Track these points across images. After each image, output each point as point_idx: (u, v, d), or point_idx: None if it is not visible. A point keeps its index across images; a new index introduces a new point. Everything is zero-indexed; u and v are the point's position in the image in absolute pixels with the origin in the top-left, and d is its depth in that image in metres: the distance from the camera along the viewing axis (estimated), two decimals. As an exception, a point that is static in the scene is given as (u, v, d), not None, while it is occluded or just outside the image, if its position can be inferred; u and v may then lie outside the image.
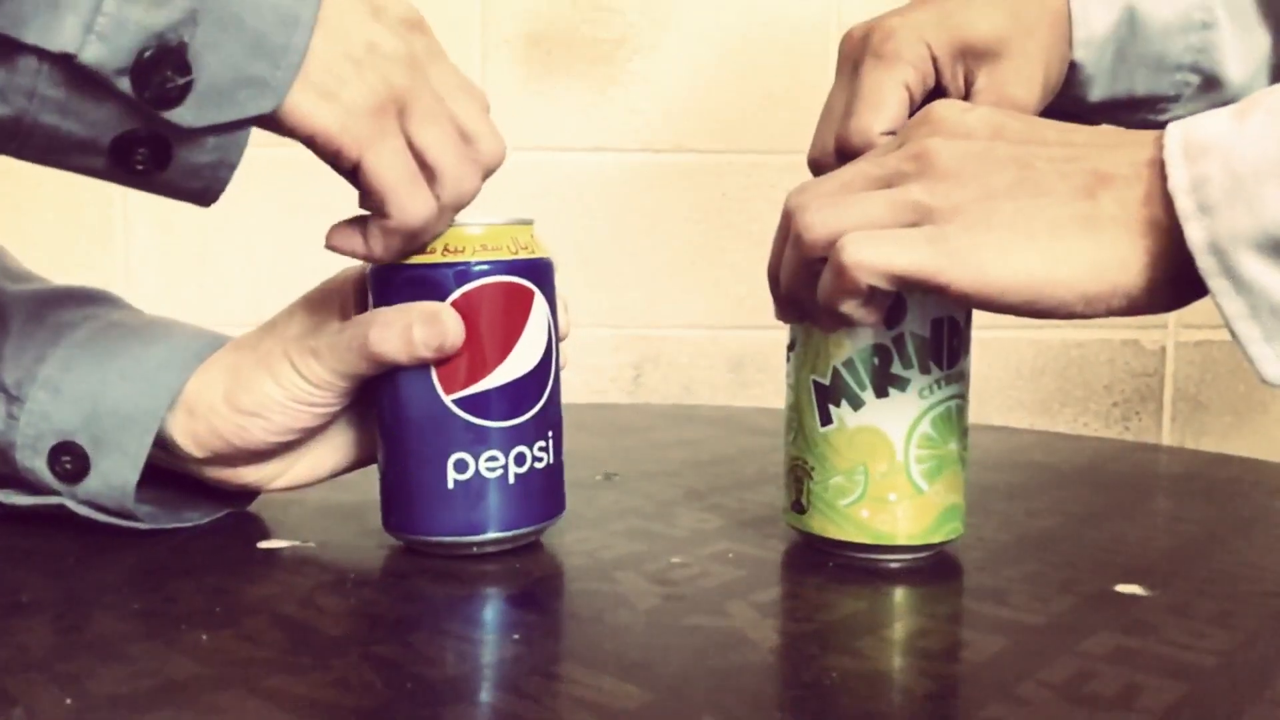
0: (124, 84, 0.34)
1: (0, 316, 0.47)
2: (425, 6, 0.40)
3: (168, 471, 0.48)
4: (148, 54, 0.34)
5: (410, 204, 0.40)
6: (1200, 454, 0.78)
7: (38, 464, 0.45)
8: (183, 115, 0.35)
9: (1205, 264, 0.35)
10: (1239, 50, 0.57)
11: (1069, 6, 0.54)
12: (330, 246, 0.42)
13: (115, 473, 0.45)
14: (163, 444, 0.45)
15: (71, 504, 0.46)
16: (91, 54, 0.33)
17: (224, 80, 0.35)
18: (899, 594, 0.42)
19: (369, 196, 0.40)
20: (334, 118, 0.37)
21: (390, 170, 0.39)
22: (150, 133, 0.36)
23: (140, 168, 0.36)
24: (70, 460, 0.45)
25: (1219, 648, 0.36)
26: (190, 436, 0.45)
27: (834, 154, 0.50)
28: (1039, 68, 0.52)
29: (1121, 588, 0.42)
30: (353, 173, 0.39)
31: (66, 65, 0.33)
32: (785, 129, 1.03)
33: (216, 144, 0.36)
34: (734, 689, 0.32)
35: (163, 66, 0.34)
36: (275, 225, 1.00)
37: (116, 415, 0.45)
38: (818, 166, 0.52)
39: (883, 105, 0.49)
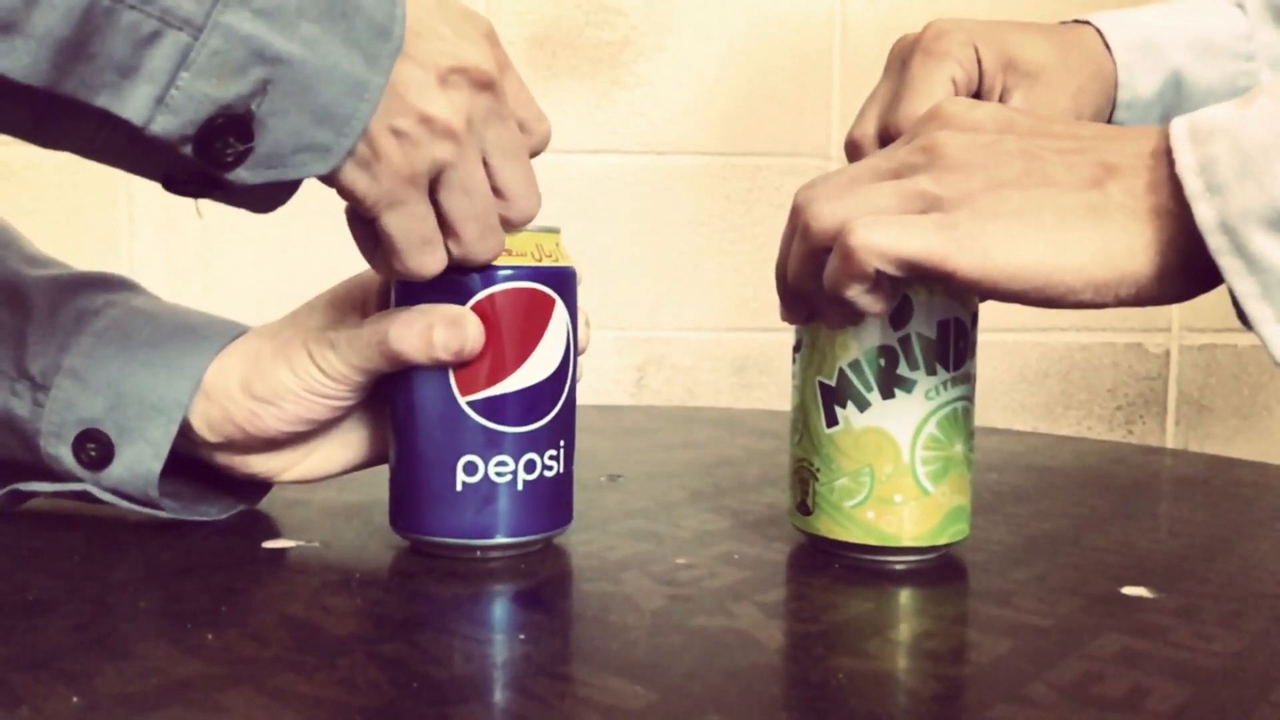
0: (186, 149, 0.34)
1: (23, 303, 0.47)
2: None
3: (185, 467, 0.48)
4: (215, 122, 0.34)
5: (415, 264, 0.40)
6: (1205, 457, 0.78)
7: (62, 451, 0.46)
8: (239, 174, 0.35)
9: (1216, 243, 0.35)
10: None
11: (1115, 68, 0.55)
12: (349, 221, 0.42)
13: (139, 461, 0.45)
14: (180, 428, 0.46)
15: (95, 490, 0.46)
16: (159, 126, 0.33)
17: (285, 146, 0.35)
18: (905, 595, 0.42)
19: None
20: (361, 183, 0.37)
21: (403, 233, 0.39)
22: (204, 175, 0.36)
23: (189, 193, 0.38)
24: (95, 448, 0.45)
25: (1226, 650, 0.36)
26: (204, 420, 0.45)
27: (876, 139, 0.52)
28: (1071, 105, 0.54)
29: (1128, 590, 0.42)
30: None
31: (132, 127, 0.34)
32: (788, 132, 1.03)
33: (266, 191, 0.37)
34: (740, 689, 0.32)
35: (226, 133, 0.34)
36: (279, 227, 1.00)
37: (140, 404, 0.45)
38: (855, 148, 0.53)
39: (930, 94, 0.50)
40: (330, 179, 0.37)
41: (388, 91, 0.36)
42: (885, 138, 0.51)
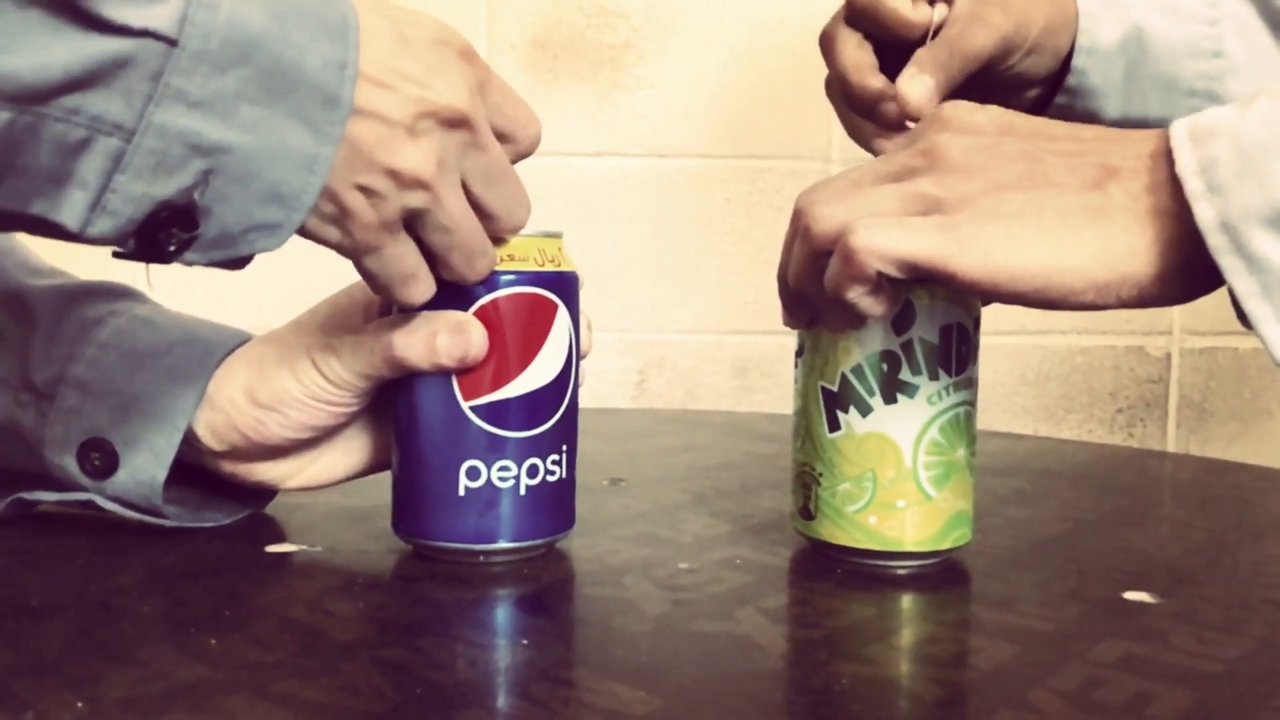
0: (128, 244, 0.33)
1: (26, 313, 0.47)
2: (430, 10, 0.39)
3: (189, 473, 0.48)
4: (157, 216, 0.33)
5: (401, 297, 0.40)
6: (1206, 461, 0.78)
7: (67, 461, 0.46)
8: (187, 258, 0.34)
9: (1216, 242, 0.35)
10: (1255, 81, 0.58)
11: (1076, 9, 0.56)
12: None
13: (144, 469, 0.45)
14: (184, 436, 0.46)
15: (100, 500, 0.46)
16: (97, 229, 0.32)
17: (233, 228, 0.34)
18: (907, 600, 0.42)
19: None
20: (332, 235, 0.37)
21: (383, 274, 0.39)
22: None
23: (140, 260, 0.36)
24: (99, 457, 0.45)
25: (1228, 655, 0.36)
26: (209, 428, 0.46)
27: (842, 18, 0.55)
28: (1020, 8, 0.54)
29: (1130, 595, 0.42)
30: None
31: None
32: (789, 134, 1.03)
33: (217, 261, 0.36)
34: (743, 695, 0.32)
35: (169, 225, 0.33)
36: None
37: (145, 413, 0.45)
38: (827, 39, 0.56)
39: None
40: (299, 233, 0.36)
41: (350, 151, 0.35)
42: (850, 14, 0.54)
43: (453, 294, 0.42)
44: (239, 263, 0.36)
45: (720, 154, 1.03)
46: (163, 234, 0.33)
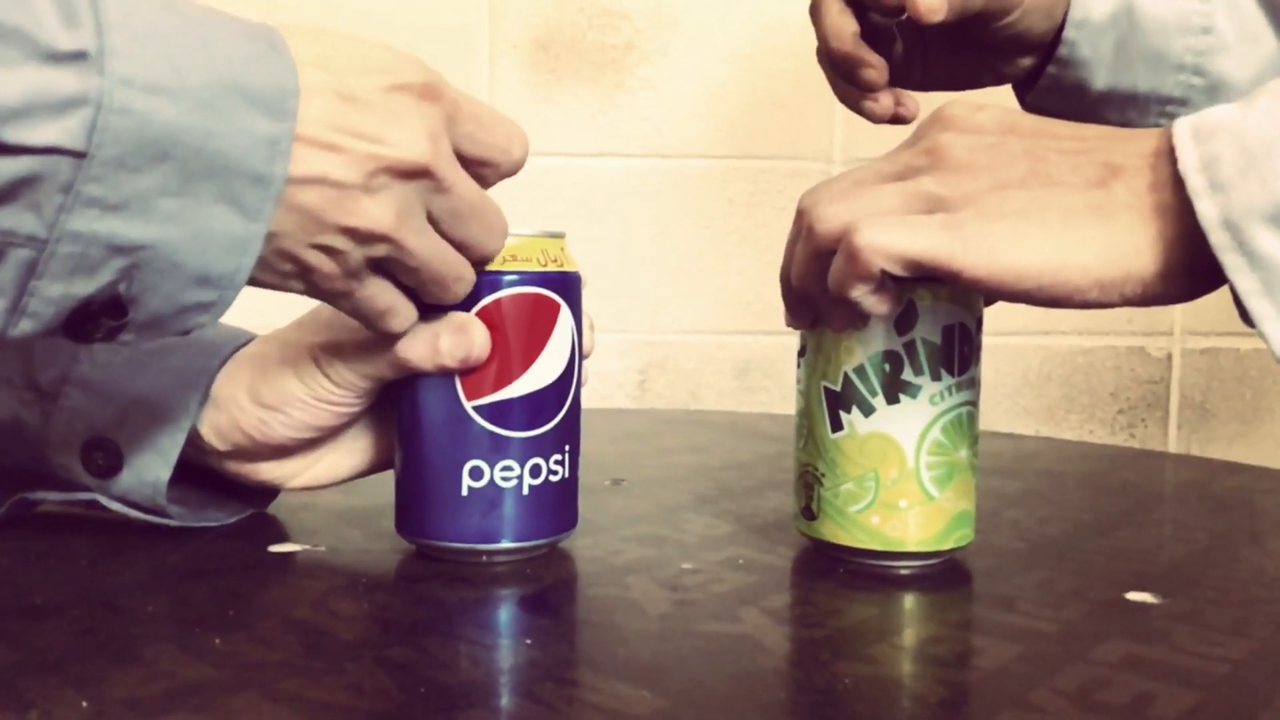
0: (57, 334, 0.33)
1: None
2: (433, 12, 0.39)
3: (192, 473, 0.48)
4: (85, 309, 0.32)
5: (381, 330, 0.41)
6: (1208, 461, 0.78)
7: (71, 460, 0.46)
8: (120, 339, 0.34)
9: (1218, 240, 0.35)
10: (1244, 58, 0.58)
11: None
12: None
13: (148, 469, 0.45)
14: (188, 436, 0.46)
15: (104, 499, 0.46)
16: (20, 330, 0.32)
17: (164, 312, 0.34)
18: (910, 600, 0.42)
19: None
20: (296, 287, 0.37)
21: (357, 313, 0.39)
22: None
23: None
24: (103, 456, 0.46)
25: (1230, 656, 0.36)
26: (213, 428, 0.46)
27: None
28: None
29: (1132, 595, 0.42)
30: None
31: None
32: (791, 135, 1.03)
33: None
34: (746, 695, 0.32)
35: (97, 316, 0.32)
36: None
37: (149, 413, 0.45)
38: (814, 7, 0.56)
39: None
40: (263, 286, 0.36)
41: (301, 217, 0.34)
42: None
43: None
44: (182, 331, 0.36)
45: (722, 154, 1.04)
46: (91, 324, 0.33)
